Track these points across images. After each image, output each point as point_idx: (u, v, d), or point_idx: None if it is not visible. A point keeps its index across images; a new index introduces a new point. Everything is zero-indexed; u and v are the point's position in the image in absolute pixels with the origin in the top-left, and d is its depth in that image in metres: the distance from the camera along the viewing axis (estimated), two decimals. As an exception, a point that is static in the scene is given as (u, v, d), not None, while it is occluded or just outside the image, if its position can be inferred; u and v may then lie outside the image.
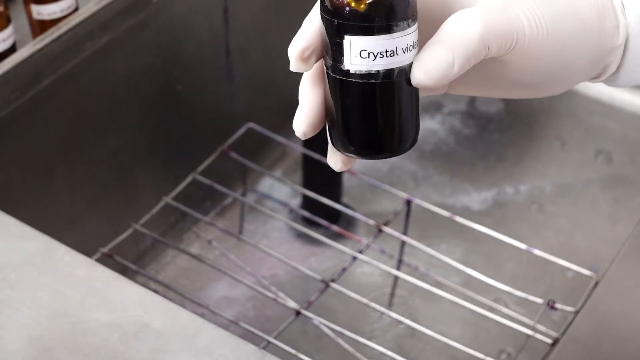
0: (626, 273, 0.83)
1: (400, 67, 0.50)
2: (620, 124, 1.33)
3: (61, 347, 0.73)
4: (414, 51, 0.50)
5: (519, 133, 1.36)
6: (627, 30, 0.55)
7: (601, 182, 1.29)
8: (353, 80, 0.50)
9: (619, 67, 0.56)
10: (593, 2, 0.54)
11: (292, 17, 1.25)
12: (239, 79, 1.23)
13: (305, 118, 0.53)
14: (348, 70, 0.50)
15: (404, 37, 0.49)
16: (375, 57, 0.49)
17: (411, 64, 0.50)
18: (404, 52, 0.50)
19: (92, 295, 0.77)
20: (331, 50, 0.50)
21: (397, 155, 0.53)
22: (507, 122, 1.36)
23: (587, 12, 0.53)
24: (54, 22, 0.99)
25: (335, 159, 0.54)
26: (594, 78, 0.57)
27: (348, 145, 0.53)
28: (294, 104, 0.54)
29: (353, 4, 0.49)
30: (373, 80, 0.50)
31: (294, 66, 0.52)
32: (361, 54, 0.50)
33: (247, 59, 1.23)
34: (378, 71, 0.50)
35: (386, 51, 0.49)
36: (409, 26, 0.49)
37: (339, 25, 0.49)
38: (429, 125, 1.37)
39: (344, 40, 0.50)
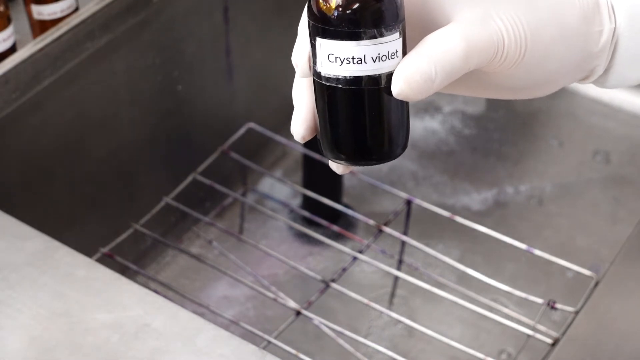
0: (626, 273, 0.83)
1: (370, 76, 0.49)
2: (620, 124, 1.33)
3: (61, 347, 0.73)
4: (391, 61, 0.49)
5: (519, 133, 1.36)
6: (617, 32, 0.55)
7: (601, 182, 1.29)
8: (324, 83, 0.50)
9: (608, 69, 0.56)
10: (579, 7, 0.53)
11: (292, 17, 1.25)
12: (239, 79, 1.23)
13: (303, 122, 0.53)
14: (320, 73, 0.50)
15: (375, 46, 0.49)
16: (342, 63, 0.49)
17: (387, 73, 0.49)
18: (375, 61, 0.49)
19: (92, 295, 0.77)
20: (311, 51, 0.50)
21: (378, 163, 0.52)
22: (507, 122, 1.36)
23: (572, 18, 0.53)
24: (54, 22, 0.99)
25: (336, 163, 0.54)
26: (582, 80, 0.57)
27: (327, 151, 0.52)
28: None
29: (324, 8, 0.49)
30: (340, 86, 0.50)
31: (305, 73, 0.52)
32: (329, 57, 0.49)
33: (247, 59, 1.23)
34: (345, 77, 0.49)
35: (353, 58, 0.49)
36: (381, 35, 0.48)
37: (313, 26, 0.49)
38: (429, 125, 1.37)
39: (316, 42, 0.50)
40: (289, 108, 0.54)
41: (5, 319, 0.75)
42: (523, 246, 0.98)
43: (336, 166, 0.54)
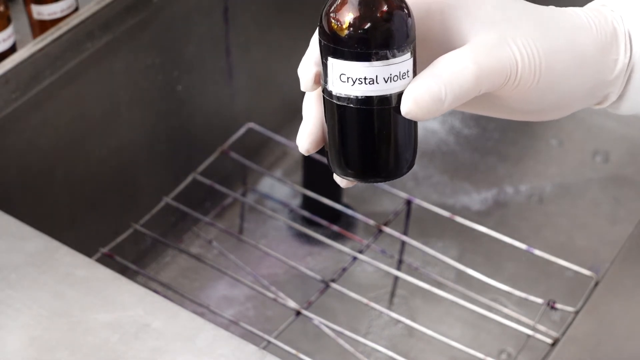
0: (626, 273, 0.83)
1: (381, 96, 0.49)
2: (620, 124, 1.33)
3: (61, 347, 0.73)
4: (402, 81, 0.49)
5: (519, 133, 1.36)
6: (632, 61, 0.54)
7: (601, 182, 1.29)
8: (335, 102, 0.50)
9: (621, 96, 0.56)
10: (595, 35, 0.53)
11: (293, 17, 1.26)
12: (239, 79, 1.23)
13: (308, 135, 0.53)
14: (331, 92, 0.50)
15: (387, 67, 0.49)
16: (354, 83, 0.49)
17: (398, 93, 0.49)
18: (387, 82, 0.49)
19: (92, 295, 0.77)
20: (322, 69, 0.51)
21: (386, 180, 0.52)
22: (507, 122, 1.36)
23: (588, 46, 0.53)
24: (54, 22, 0.99)
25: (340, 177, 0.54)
26: (595, 105, 0.57)
27: (335, 167, 0.53)
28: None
29: (336, 28, 0.49)
30: (352, 105, 0.50)
31: (308, 87, 0.52)
32: (341, 77, 0.49)
33: (247, 59, 1.23)
34: (356, 97, 0.49)
35: (365, 78, 0.49)
36: (393, 56, 0.49)
37: (324, 46, 0.50)
38: (429, 125, 1.37)
39: (328, 62, 0.50)
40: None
41: (5, 319, 0.75)
42: (523, 246, 0.98)
43: (340, 180, 0.54)
